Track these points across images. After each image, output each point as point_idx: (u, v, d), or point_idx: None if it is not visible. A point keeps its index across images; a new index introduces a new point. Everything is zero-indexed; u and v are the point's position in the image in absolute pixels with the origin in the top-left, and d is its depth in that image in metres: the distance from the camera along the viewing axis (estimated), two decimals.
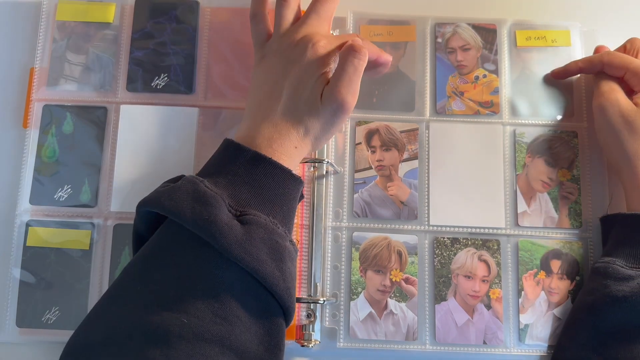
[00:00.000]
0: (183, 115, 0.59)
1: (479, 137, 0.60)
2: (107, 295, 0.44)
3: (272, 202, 0.46)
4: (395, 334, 0.56)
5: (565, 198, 0.58)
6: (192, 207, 0.42)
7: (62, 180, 0.58)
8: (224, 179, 0.46)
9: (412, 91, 0.61)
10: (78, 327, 0.43)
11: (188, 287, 0.41)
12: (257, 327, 0.43)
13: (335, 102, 0.49)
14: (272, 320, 0.44)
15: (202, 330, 0.40)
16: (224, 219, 0.42)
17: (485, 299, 0.56)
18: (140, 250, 0.45)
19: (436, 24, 0.62)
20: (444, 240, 0.58)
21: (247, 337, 0.42)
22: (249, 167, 0.46)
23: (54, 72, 0.60)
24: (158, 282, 0.42)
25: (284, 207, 0.47)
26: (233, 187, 0.45)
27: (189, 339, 0.39)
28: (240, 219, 0.44)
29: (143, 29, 0.61)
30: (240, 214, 0.44)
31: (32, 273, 0.56)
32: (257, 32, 0.55)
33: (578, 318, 0.53)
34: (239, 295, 0.42)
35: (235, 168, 0.46)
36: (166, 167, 0.58)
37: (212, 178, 0.46)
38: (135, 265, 0.44)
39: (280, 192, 0.47)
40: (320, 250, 0.57)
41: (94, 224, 0.57)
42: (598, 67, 0.58)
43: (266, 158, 0.46)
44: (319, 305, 0.56)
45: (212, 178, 0.46)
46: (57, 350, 0.56)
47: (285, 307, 0.44)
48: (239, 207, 0.44)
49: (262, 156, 0.46)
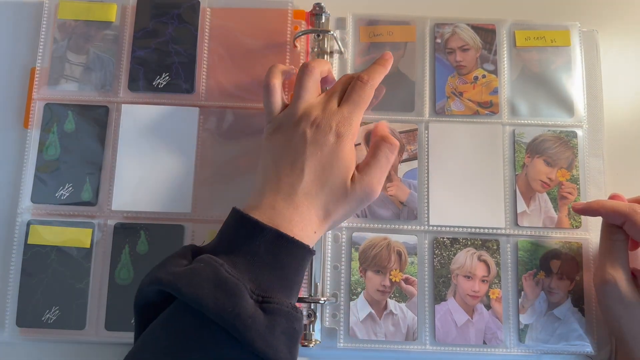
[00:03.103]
0: (184, 114, 0.60)
1: (479, 137, 0.60)
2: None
3: (292, 282, 0.45)
4: (395, 334, 0.56)
5: (565, 198, 0.58)
6: (214, 297, 0.40)
7: (64, 178, 0.58)
8: (242, 259, 0.44)
9: (412, 91, 0.61)
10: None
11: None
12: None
13: (365, 192, 0.49)
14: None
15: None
16: (247, 310, 0.41)
17: (485, 299, 0.56)
18: (153, 333, 0.43)
19: (435, 24, 0.63)
20: (444, 240, 0.58)
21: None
22: (270, 247, 0.44)
23: (54, 72, 0.60)
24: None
25: (300, 282, 0.46)
26: (254, 269, 0.43)
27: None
28: (263, 306, 0.42)
29: (145, 28, 0.61)
30: (262, 299, 0.42)
31: (33, 272, 0.56)
32: (270, 103, 0.53)
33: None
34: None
35: (255, 248, 0.44)
36: (167, 166, 0.58)
37: (230, 258, 0.44)
38: (155, 355, 0.42)
39: (299, 270, 0.46)
40: (320, 250, 0.57)
41: (95, 223, 0.57)
42: (621, 220, 0.52)
43: (289, 238, 0.45)
44: (319, 305, 0.56)
45: (229, 257, 0.44)
46: (57, 350, 0.56)
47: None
48: (260, 293, 0.43)
49: (285, 236, 0.45)
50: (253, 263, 0.44)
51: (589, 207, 0.54)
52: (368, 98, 0.52)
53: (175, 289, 0.41)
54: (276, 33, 0.61)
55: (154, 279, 0.43)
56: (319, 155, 0.49)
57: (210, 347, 0.41)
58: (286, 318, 0.42)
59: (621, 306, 0.51)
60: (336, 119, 0.50)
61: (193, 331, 0.41)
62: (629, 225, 0.51)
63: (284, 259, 0.44)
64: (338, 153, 0.49)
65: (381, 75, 0.54)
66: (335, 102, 0.51)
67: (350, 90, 0.52)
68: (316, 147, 0.49)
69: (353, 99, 0.51)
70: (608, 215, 0.53)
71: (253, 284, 0.43)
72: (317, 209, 0.48)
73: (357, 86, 0.52)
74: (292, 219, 0.46)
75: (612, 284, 0.51)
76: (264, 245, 0.44)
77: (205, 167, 0.59)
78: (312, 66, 0.53)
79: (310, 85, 0.52)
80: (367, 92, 0.52)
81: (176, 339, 0.42)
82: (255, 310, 0.41)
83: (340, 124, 0.50)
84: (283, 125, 0.51)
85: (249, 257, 0.44)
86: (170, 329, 0.42)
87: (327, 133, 0.49)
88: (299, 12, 0.62)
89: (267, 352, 0.40)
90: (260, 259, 0.44)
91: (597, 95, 0.61)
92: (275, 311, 0.42)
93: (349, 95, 0.51)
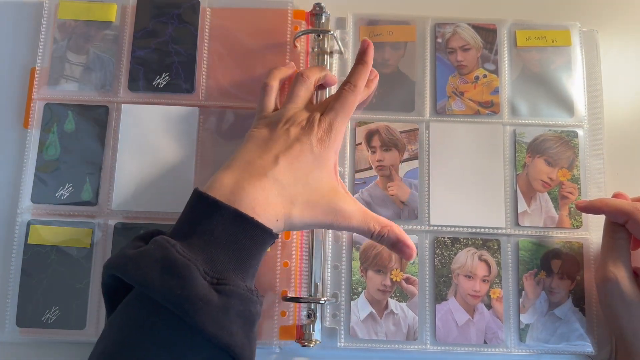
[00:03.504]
0: (184, 114, 0.59)
1: (479, 137, 0.60)
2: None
3: (248, 265, 0.44)
4: (395, 333, 0.56)
5: (565, 198, 0.58)
6: (161, 279, 0.39)
7: (64, 178, 0.58)
8: (198, 239, 0.42)
9: (412, 91, 0.61)
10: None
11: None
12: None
13: (333, 211, 0.48)
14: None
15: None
16: (198, 292, 0.39)
17: (486, 299, 0.56)
18: (112, 323, 0.42)
19: (436, 24, 0.63)
20: (445, 240, 0.58)
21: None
22: (227, 227, 0.43)
23: (54, 72, 0.60)
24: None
25: (256, 265, 0.45)
26: (209, 249, 0.42)
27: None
28: (217, 287, 0.41)
29: (145, 28, 0.61)
30: (217, 281, 0.41)
31: (33, 272, 0.56)
32: (264, 102, 0.54)
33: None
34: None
35: (212, 227, 0.43)
36: (167, 166, 0.58)
37: (186, 239, 0.43)
38: (107, 347, 0.41)
39: (257, 253, 0.44)
40: (320, 250, 0.57)
41: (95, 223, 0.57)
42: (624, 219, 0.52)
43: (248, 218, 0.43)
44: (319, 305, 0.56)
45: (185, 239, 0.43)
46: (57, 350, 0.56)
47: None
48: (215, 274, 0.41)
49: (244, 216, 0.43)
50: (208, 243, 0.42)
51: (592, 205, 0.54)
52: (352, 104, 0.52)
53: (124, 272, 0.40)
54: (276, 33, 0.61)
55: (107, 262, 0.42)
56: (297, 150, 0.48)
57: (161, 333, 0.40)
58: (241, 300, 0.41)
59: (622, 304, 0.51)
60: (320, 126, 0.50)
61: (145, 317, 0.40)
62: (632, 223, 0.51)
63: (241, 240, 0.43)
64: (319, 158, 0.49)
65: (364, 75, 0.53)
66: (321, 110, 0.52)
67: (334, 99, 0.52)
68: (297, 143, 0.48)
69: (336, 107, 0.51)
70: (611, 214, 0.53)
71: (207, 265, 0.41)
72: (284, 198, 0.46)
73: (341, 94, 0.52)
74: (256, 198, 0.44)
75: (614, 282, 0.51)
76: (222, 225, 0.43)
77: (205, 167, 0.58)
78: (307, 75, 0.54)
79: (302, 93, 0.53)
80: (350, 98, 0.52)
81: (129, 326, 0.41)
82: (209, 292, 0.40)
83: (322, 129, 0.50)
84: (270, 123, 0.51)
85: (205, 237, 0.42)
86: (124, 316, 0.42)
87: (309, 134, 0.49)
88: (299, 12, 0.62)
89: (220, 336, 0.39)
90: (217, 239, 0.42)
91: (597, 95, 0.61)
92: (230, 293, 0.41)
93: (334, 103, 0.51)
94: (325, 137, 0.49)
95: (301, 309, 0.56)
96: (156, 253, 0.41)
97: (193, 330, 0.39)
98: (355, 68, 0.53)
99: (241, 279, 0.43)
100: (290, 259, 0.56)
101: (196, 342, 0.40)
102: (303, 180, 0.47)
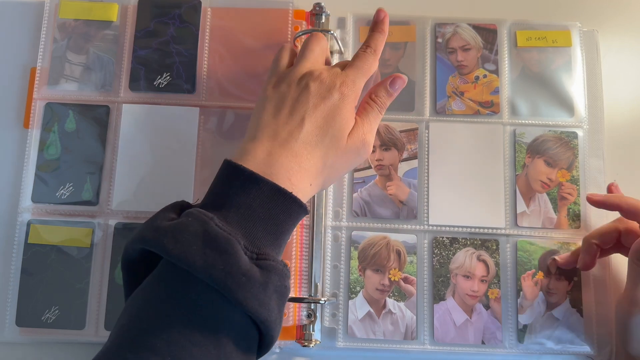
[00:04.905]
0: (185, 114, 0.60)
1: (479, 137, 0.60)
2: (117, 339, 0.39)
3: (282, 239, 0.43)
4: (393, 333, 0.56)
5: (565, 199, 0.58)
6: (203, 254, 0.38)
7: (64, 178, 0.58)
8: (235, 213, 0.41)
9: (412, 91, 0.61)
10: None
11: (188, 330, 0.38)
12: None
13: (360, 142, 0.49)
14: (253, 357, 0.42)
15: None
16: (241, 268, 0.39)
17: (484, 299, 0.57)
18: (136, 297, 0.41)
19: (436, 24, 0.62)
20: (443, 239, 0.58)
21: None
22: (265, 202, 0.42)
23: (54, 72, 0.60)
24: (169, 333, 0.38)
25: (288, 240, 0.45)
26: (247, 223, 0.41)
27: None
28: (258, 263, 0.40)
29: (146, 28, 0.61)
30: (257, 256, 0.40)
31: (33, 272, 0.56)
32: (281, 57, 0.53)
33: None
34: (236, 339, 0.40)
35: (249, 201, 0.42)
36: (167, 166, 0.58)
37: (221, 212, 0.41)
38: (132, 320, 0.40)
39: (291, 227, 0.44)
40: (320, 250, 0.57)
41: (95, 223, 0.58)
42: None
43: (287, 193, 0.43)
44: (319, 305, 0.56)
45: (220, 212, 0.41)
46: (57, 349, 0.56)
47: (271, 344, 0.42)
48: (254, 249, 0.41)
49: (283, 191, 0.43)
50: (246, 217, 0.41)
51: (608, 201, 0.53)
52: (371, 65, 0.51)
53: (161, 248, 0.39)
54: (277, 33, 0.61)
55: (138, 237, 0.41)
56: (321, 107, 0.47)
57: (199, 309, 0.39)
58: (279, 275, 0.41)
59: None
60: (340, 79, 0.49)
61: (180, 292, 0.39)
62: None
63: (279, 215, 0.43)
64: (341, 109, 0.48)
65: (382, 42, 0.53)
66: (339, 67, 0.51)
67: (354, 58, 0.51)
68: (319, 99, 0.48)
69: (357, 64, 0.51)
70: (629, 211, 0.51)
71: (246, 240, 0.41)
72: (316, 159, 0.46)
73: (360, 54, 0.52)
74: (291, 168, 0.44)
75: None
76: (259, 198, 0.42)
77: (205, 167, 0.59)
78: (322, 36, 0.53)
79: (318, 49, 0.52)
80: (370, 59, 0.51)
81: (160, 300, 0.39)
82: (251, 268, 0.39)
83: (344, 84, 0.49)
84: (287, 78, 0.50)
85: (242, 211, 0.41)
86: (153, 290, 0.40)
87: (331, 89, 0.48)
88: (300, 12, 0.62)
89: (260, 312, 0.39)
90: (254, 212, 0.42)
91: (597, 95, 0.61)
92: (271, 268, 0.40)
93: (354, 61, 0.51)
94: (348, 91, 0.49)
95: (301, 309, 0.56)
96: (195, 226, 0.39)
97: (230, 305, 0.39)
98: (373, 35, 0.53)
99: (277, 253, 0.43)
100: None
101: (232, 317, 0.39)
102: (330, 134, 0.47)
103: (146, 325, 0.38)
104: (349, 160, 0.49)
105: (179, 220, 0.40)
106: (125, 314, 0.40)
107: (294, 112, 0.47)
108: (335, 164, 0.48)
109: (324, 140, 0.47)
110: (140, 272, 0.42)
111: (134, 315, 0.40)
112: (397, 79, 0.52)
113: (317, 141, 0.47)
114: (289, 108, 0.48)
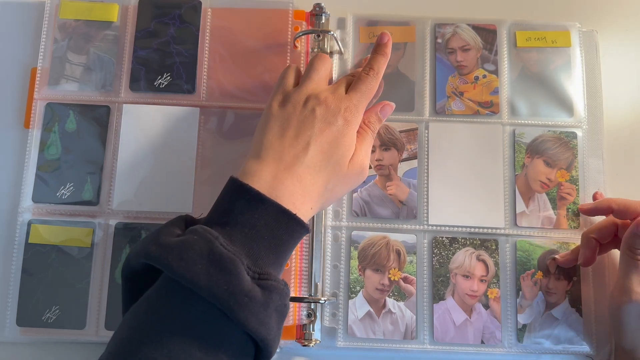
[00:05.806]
0: (185, 114, 0.60)
1: (479, 137, 0.60)
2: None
3: (283, 258, 0.45)
4: (393, 333, 0.56)
5: (564, 199, 0.59)
6: (207, 274, 0.39)
7: (65, 178, 0.58)
8: (239, 232, 0.42)
9: (412, 91, 0.61)
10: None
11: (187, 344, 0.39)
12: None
13: (360, 167, 0.50)
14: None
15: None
16: (244, 288, 0.40)
17: (483, 299, 0.57)
18: (136, 311, 0.42)
19: (436, 24, 0.63)
20: (443, 239, 0.58)
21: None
22: (270, 222, 0.43)
23: (55, 72, 0.61)
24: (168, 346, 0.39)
25: (288, 258, 0.46)
26: (251, 243, 0.42)
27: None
28: (260, 283, 0.41)
29: (147, 29, 0.62)
30: (259, 276, 0.41)
31: (33, 272, 0.56)
32: (287, 75, 0.53)
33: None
34: (234, 355, 0.41)
35: (254, 220, 0.43)
36: (168, 166, 0.58)
37: (226, 229, 0.42)
38: (132, 335, 0.40)
39: (293, 247, 0.45)
40: (320, 249, 0.57)
41: (96, 222, 0.58)
42: (633, 215, 0.52)
43: (292, 215, 0.44)
44: (319, 305, 0.56)
45: (225, 229, 0.42)
46: (57, 349, 0.56)
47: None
48: (256, 268, 0.42)
49: (288, 212, 0.44)
50: (250, 237, 0.42)
51: (598, 205, 0.55)
52: (373, 89, 0.52)
53: (165, 265, 0.40)
54: (277, 33, 0.62)
55: (142, 251, 0.41)
56: (326, 132, 0.48)
57: (200, 325, 0.39)
58: (280, 295, 0.42)
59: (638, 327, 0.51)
60: (344, 104, 0.50)
61: (181, 308, 0.40)
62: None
63: (282, 236, 0.43)
64: (344, 135, 0.49)
65: (384, 65, 0.54)
66: (343, 89, 0.52)
67: (357, 81, 0.52)
68: (324, 124, 0.49)
69: (360, 88, 0.51)
70: (621, 212, 0.52)
71: (249, 259, 0.42)
72: (319, 183, 0.47)
73: (363, 77, 0.52)
74: (295, 192, 0.45)
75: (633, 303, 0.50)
76: (264, 219, 0.43)
77: (205, 167, 0.59)
78: (327, 57, 0.54)
79: (322, 70, 0.53)
80: (373, 82, 0.52)
81: (159, 315, 0.40)
82: (253, 288, 0.40)
83: (348, 110, 0.50)
84: (292, 97, 0.50)
85: (246, 230, 0.42)
86: (153, 305, 0.41)
87: (336, 114, 0.49)
88: (300, 12, 0.62)
89: (260, 330, 0.40)
90: (258, 232, 0.43)
91: (596, 95, 0.61)
92: (272, 288, 0.41)
93: (356, 85, 0.52)
94: (351, 118, 0.50)
95: (301, 309, 0.56)
96: (200, 245, 0.40)
97: (231, 323, 0.40)
98: (376, 57, 0.54)
99: (278, 272, 0.44)
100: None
101: (232, 334, 0.40)
102: (333, 160, 0.48)
103: (147, 339, 0.39)
104: (349, 184, 0.51)
105: (184, 238, 0.41)
106: (125, 326, 0.41)
107: (299, 136, 0.48)
108: (336, 187, 0.49)
109: (327, 165, 0.48)
110: (142, 283, 0.43)
111: (135, 327, 0.40)
112: (387, 106, 0.54)
113: (321, 166, 0.48)
114: (295, 130, 0.48)
